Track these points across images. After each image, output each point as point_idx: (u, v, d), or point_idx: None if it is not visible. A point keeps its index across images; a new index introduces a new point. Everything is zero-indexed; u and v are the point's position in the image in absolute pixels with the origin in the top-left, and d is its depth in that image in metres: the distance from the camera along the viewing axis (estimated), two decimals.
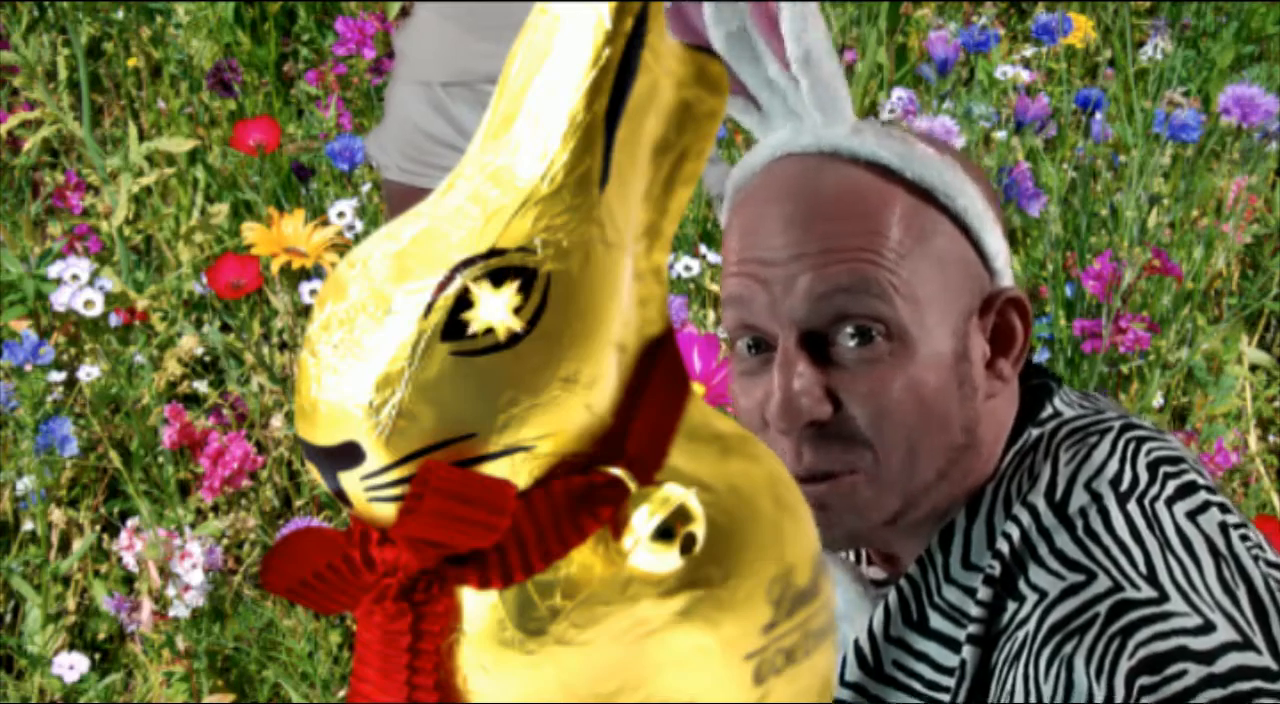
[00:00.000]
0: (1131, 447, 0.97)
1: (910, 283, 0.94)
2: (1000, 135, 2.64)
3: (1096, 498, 0.94)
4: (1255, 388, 2.68)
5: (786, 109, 0.99)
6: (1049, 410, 1.01)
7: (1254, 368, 2.73)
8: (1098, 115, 2.63)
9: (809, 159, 0.98)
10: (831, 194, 0.96)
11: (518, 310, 0.58)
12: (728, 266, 0.98)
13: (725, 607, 0.62)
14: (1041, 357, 2.48)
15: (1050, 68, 3.28)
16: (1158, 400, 2.50)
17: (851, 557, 1.07)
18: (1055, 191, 2.51)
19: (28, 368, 2.13)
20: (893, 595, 0.99)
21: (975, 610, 0.93)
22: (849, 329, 0.94)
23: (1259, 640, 0.88)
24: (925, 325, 0.95)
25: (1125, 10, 3.27)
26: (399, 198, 2.26)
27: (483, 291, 0.57)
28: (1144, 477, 0.95)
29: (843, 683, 0.99)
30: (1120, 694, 0.84)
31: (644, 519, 0.60)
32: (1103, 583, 0.89)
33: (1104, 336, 2.17)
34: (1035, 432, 0.99)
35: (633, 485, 0.60)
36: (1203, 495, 0.95)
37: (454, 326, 0.57)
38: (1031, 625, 0.89)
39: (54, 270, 2.22)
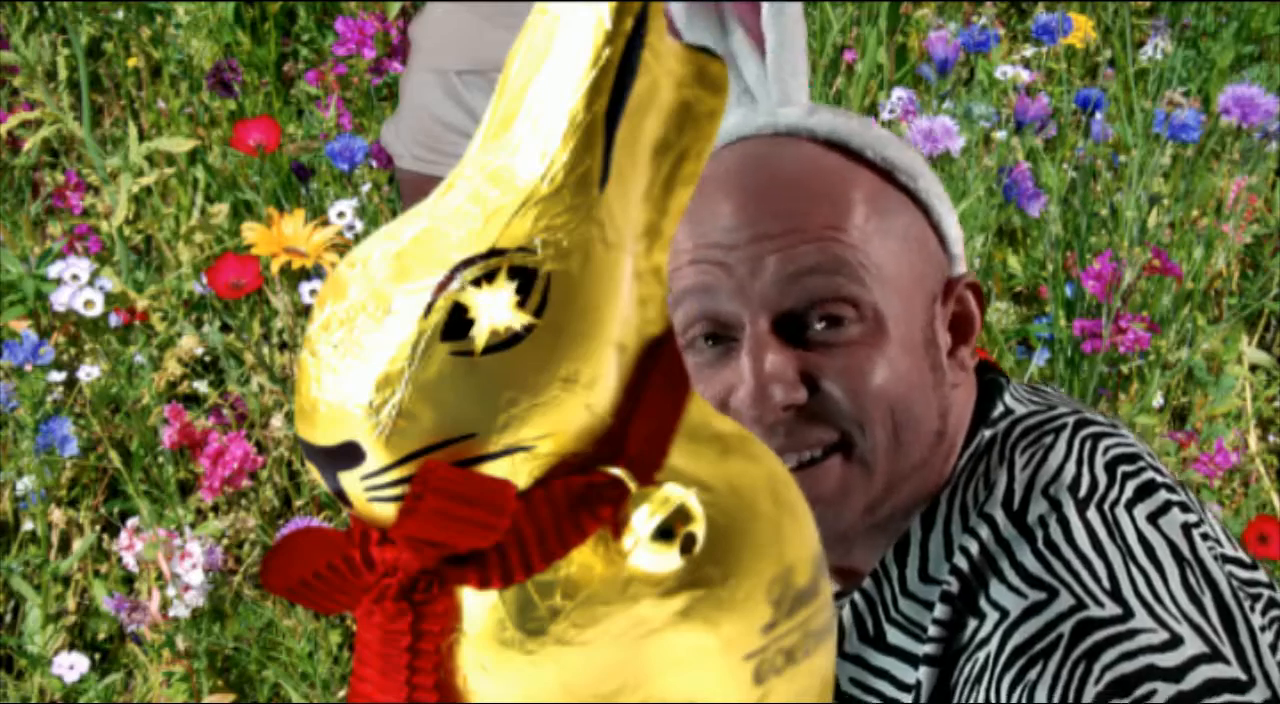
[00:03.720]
0: (1088, 445, 0.94)
1: (878, 263, 0.91)
2: (1000, 135, 2.64)
3: (1056, 506, 0.90)
4: (1255, 388, 2.68)
5: (742, 88, 0.95)
6: (1000, 409, 0.97)
7: (1254, 368, 2.73)
8: (1098, 115, 2.62)
9: (763, 140, 0.94)
10: (791, 172, 0.92)
11: (518, 310, 0.58)
12: (678, 260, 0.92)
13: (725, 607, 0.62)
14: (1041, 357, 2.48)
15: (1050, 68, 3.28)
16: (1158, 400, 2.50)
17: None
18: (1055, 191, 2.51)
19: (28, 368, 2.13)
20: (847, 612, 0.96)
21: (932, 629, 0.90)
22: (819, 313, 0.90)
23: (1227, 650, 0.85)
24: (894, 306, 0.91)
25: (1125, 10, 3.27)
26: (413, 187, 2.25)
27: (483, 291, 0.57)
28: (1102, 479, 0.92)
29: None
30: None
31: (644, 519, 0.59)
32: (1065, 601, 0.85)
33: (1104, 336, 2.17)
34: (988, 433, 0.96)
35: (633, 485, 0.60)
36: (1162, 495, 0.92)
37: (454, 326, 0.57)
38: (993, 646, 0.86)
39: (54, 270, 2.22)
